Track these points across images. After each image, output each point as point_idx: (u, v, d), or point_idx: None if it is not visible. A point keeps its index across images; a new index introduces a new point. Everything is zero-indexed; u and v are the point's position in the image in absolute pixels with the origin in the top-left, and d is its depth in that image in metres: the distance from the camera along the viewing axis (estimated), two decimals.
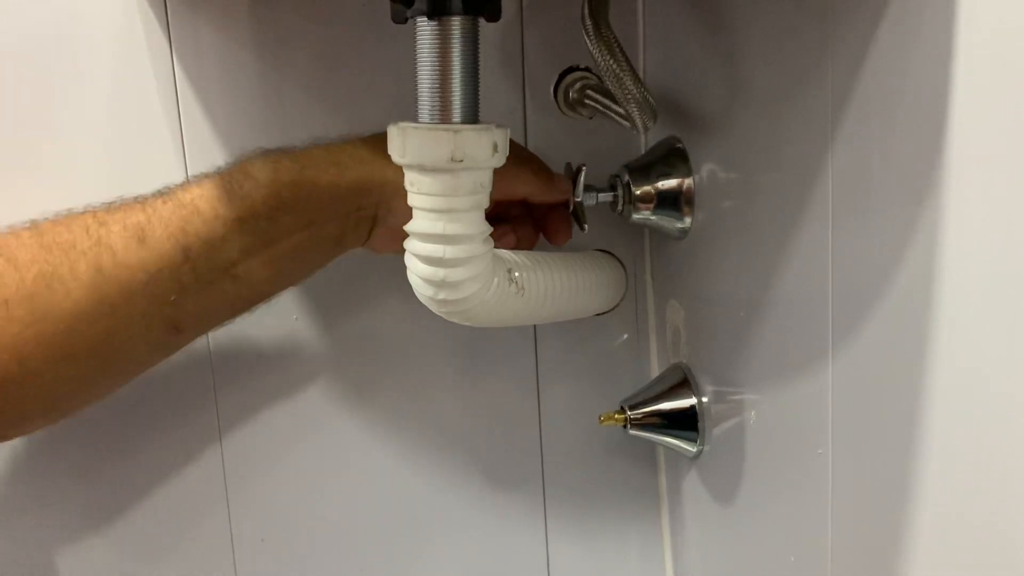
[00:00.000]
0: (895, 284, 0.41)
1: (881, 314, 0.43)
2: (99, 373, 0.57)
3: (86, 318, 0.53)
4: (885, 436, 0.43)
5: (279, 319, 0.70)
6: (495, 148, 0.51)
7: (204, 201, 0.55)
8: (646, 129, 0.60)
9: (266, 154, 0.57)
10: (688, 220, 0.64)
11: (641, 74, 0.67)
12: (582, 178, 0.64)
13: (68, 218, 0.55)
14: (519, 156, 0.62)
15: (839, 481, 0.48)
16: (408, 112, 0.52)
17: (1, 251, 0.53)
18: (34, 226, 0.54)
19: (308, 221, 0.57)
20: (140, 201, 0.56)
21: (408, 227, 0.52)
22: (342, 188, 0.57)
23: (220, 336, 0.69)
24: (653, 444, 0.76)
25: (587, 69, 0.69)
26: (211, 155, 0.66)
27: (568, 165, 0.66)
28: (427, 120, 0.51)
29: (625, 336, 0.76)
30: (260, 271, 0.57)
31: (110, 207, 0.56)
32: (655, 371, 0.76)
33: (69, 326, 0.53)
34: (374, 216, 0.59)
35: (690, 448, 0.67)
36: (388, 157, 0.52)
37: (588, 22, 0.55)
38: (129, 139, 0.65)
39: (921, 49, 0.38)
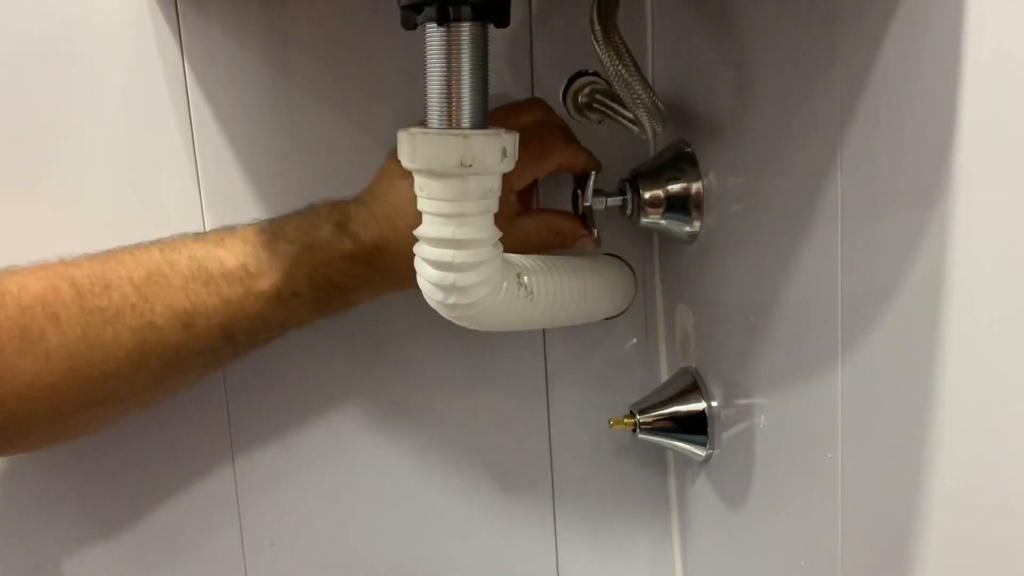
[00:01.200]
0: (904, 288, 0.41)
1: (890, 318, 0.43)
2: (127, 412, 0.61)
3: (126, 378, 0.56)
4: (894, 440, 0.43)
5: None
6: (504, 153, 0.51)
7: (252, 303, 0.58)
8: (655, 134, 0.60)
9: (314, 270, 0.59)
10: (697, 224, 0.64)
11: (650, 79, 0.67)
12: (591, 183, 0.64)
13: (104, 277, 0.56)
14: (548, 123, 0.65)
15: (848, 485, 0.48)
16: (417, 117, 0.53)
17: (44, 306, 0.54)
18: (72, 283, 0.55)
19: (348, 307, 0.63)
20: (181, 277, 0.57)
21: (418, 232, 0.53)
22: (379, 296, 0.64)
23: None
24: (662, 448, 0.76)
25: (596, 74, 0.69)
26: (222, 157, 0.66)
27: None
28: (436, 125, 0.51)
29: (634, 340, 0.76)
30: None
31: (149, 274, 0.56)
32: (664, 375, 0.76)
33: (107, 383, 0.55)
34: None
35: (700, 452, 0.67)
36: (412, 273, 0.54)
37: (597, 27, 0.55)
38: (140, 143, 0.65)
39: (930, 53, 0.38)
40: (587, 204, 0.64)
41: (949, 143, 0.37)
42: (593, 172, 0.64)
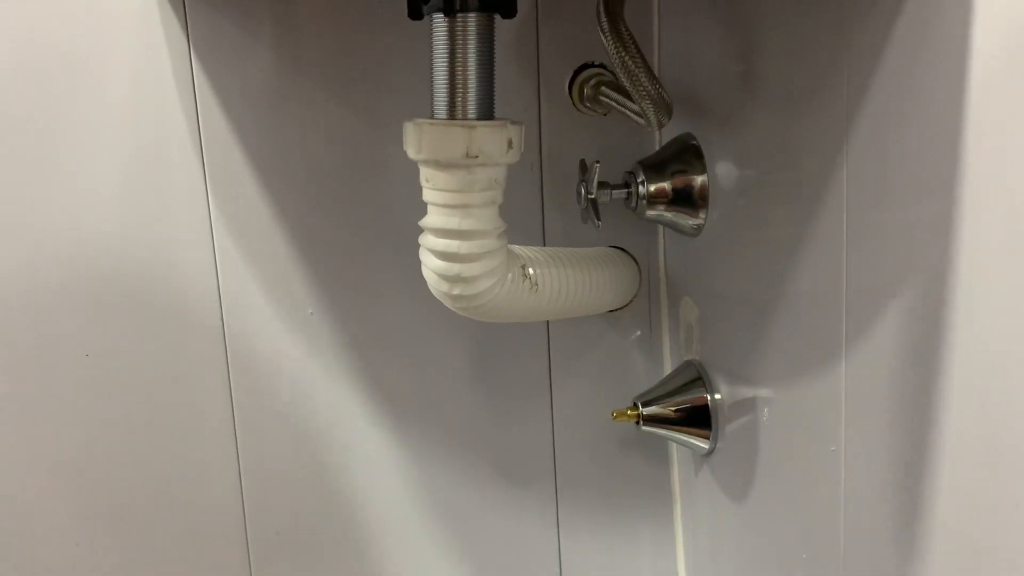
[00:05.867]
0: (910, 281, 0.41)
1: (895, 311, 0.43)
2: None
3: None
4: (898, 433, 0.43)
5: (294, 313, 0.70)
6: (510, 144, 0.51)
7: None
8: (661, 126, 0.60)
9: None
10: (702, 217, 0.64)
11: (656, 71, 0.67)
12: (596, 174, 0.64)
13: None
14: None
15: (851, 478, 0.48)
16: (423, 108, 0.53)
17: None
18: None
19: None
20: None
21: (423, 223, 0.53)
22: None
23: (236, 328, 0.69)
24: (666, 441, 0.76)
25: (602, 66, 0.69)
26: (228, 149, 0.67)
27: (582, 161, 0.66)
28: (443, 116, 0.51)
29: (638, 333, 0.77)
30: None
31: None
32: (668, 368, 0.76)
33: None
34: None
35: (703, 445, 0.67)
36: None
37: (604, 19, 0.55)
38: (147, 133, 0.65)
39: (937, 48, 0.38)
40: (592, 196, 0.64)
41: (956, 137, 0.37)
42: (598, 164, 0.64)
